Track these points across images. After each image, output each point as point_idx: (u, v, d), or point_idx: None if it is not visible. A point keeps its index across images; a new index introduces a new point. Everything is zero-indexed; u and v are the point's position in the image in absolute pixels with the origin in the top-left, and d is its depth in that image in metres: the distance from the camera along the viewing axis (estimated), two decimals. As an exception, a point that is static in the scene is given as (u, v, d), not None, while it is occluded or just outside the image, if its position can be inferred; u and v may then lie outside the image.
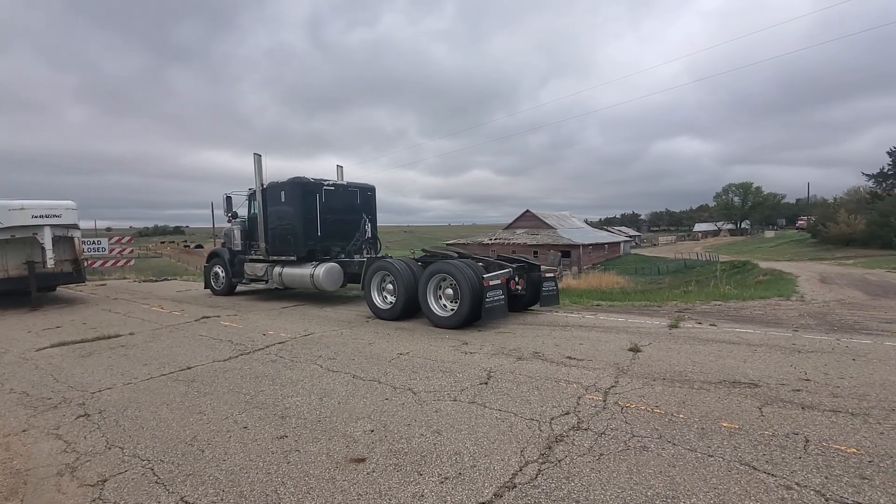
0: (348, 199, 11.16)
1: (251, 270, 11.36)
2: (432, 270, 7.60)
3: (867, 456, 2.99)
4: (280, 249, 10.65)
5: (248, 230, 11.67)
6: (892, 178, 51.64)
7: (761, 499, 2.55)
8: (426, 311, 7.64)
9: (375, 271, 8.47)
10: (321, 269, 9.74)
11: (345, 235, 10.83)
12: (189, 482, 2.94)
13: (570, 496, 2.66)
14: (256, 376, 5.07)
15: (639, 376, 4.71)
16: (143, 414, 4.08)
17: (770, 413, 3.70)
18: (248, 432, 3.65)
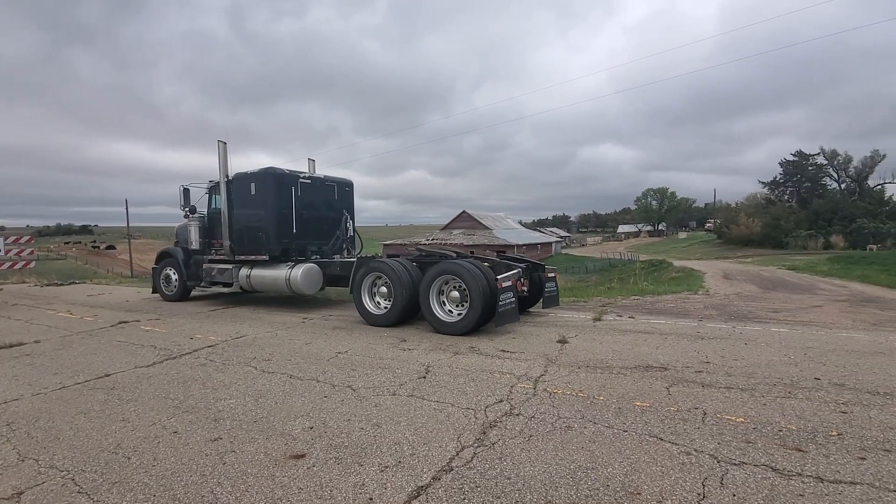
0: (325, 194, 10.25)
1: (212, 273, 10.26)
2: (437, 271, 7.00)
3: (752, 424, 3.47)
4: (248, 248, 9.64)
5: (208, 227, 10.52)
6: (783, 185, 58.15)
7: (665, 464, 2.91)
8: (429, 317, 7.03)
9: (367, 273, 7.77)
10: (298, 271, 8.87)
11: (322, 233, 10.02)
12: (116, 490, 2.82)
13: (502, 474, 2.87)
14: (185, 381, 4.86)
15: (565, 365, 5.08)
16: (58, 424, 3.80)
17: (676, 392, 4.17)
18: (178, 437, 3.53)
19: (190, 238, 10.56)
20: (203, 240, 10.53)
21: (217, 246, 10.29)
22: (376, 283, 7.75)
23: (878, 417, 3.54)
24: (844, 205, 44.65)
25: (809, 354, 5.31)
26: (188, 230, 10.63)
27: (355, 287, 7.85)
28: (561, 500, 2.58)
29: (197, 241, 10.50)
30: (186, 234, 10.74)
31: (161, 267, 11.19)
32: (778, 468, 2.83)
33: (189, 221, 10.65)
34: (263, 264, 9.50)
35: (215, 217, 10.24)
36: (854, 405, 3.79)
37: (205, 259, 10.53)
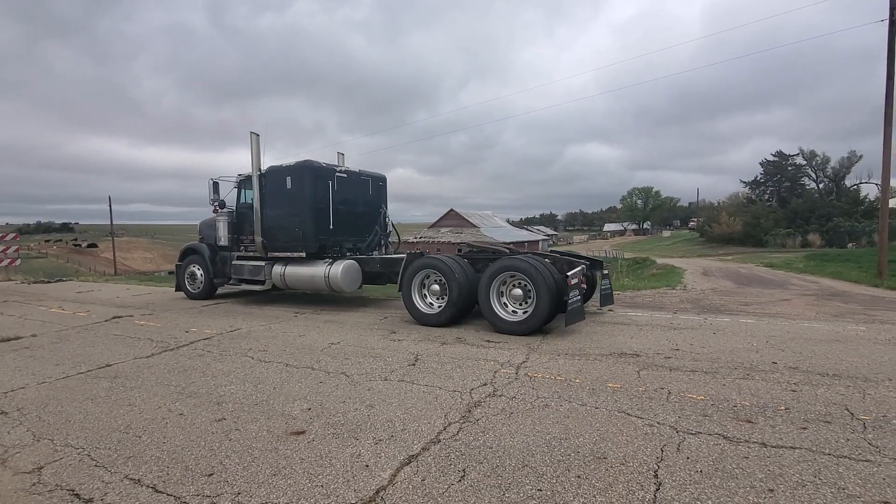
0: (360, 189, 9.87)
1: (242, 270, 9.76)
2: (499, 268, 6.61)
3: (710, 401, 3.84)
4: (282, 245, 9.22)
5: (237, 223, 10.10)
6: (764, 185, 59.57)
7: (631, 434, 3.26)
8: (489, 315, 6.66)
9: (418, 269, 7.33)
10: (339, 268, 8.48)
11: (357, 229, 9.67)
12: (131, 463, 3.07)
13: (485, 445, 3.18)
14: (185, 370, 5.09)
15: (546, 353, 5.43)
16: (67, 409, 4.02)
17: (645, 375, 4.53)
18: (184, 418, 3.78)
19: (218, 234, 10.10)
20: (232, 235, 10.07)
21: (247, 242, 9.92)
22: (426, 280, 7.38)
23: (824, 395, 3.94)
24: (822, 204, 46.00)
25: (771, 342, 5.73)
26: (216, 225, 10.17)
27: (404, 284, 7.44)
28: (536, 465, 2.90)
29: (225, 237, 10.03)
30: (214, 229, 10.29)
31: (185, 264, 10.70)
32: (729, 436, 3.19)
33: (217, 216, 10.21)
34: (299, 261, 9.11)
35: (245, 212, 9.89)
36: (804, 385, 4.19)
37: (233, 256, 10.08)
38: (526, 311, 6.40)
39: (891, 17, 15.23)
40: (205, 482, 2.81)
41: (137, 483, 2.82)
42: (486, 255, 7.52)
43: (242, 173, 9.87)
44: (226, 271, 10.14)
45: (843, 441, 3.08)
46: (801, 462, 2.84)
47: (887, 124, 15.42)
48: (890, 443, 3.04)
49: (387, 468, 2.91)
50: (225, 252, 10.20)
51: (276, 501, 2.60)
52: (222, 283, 10.30)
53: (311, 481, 2.79)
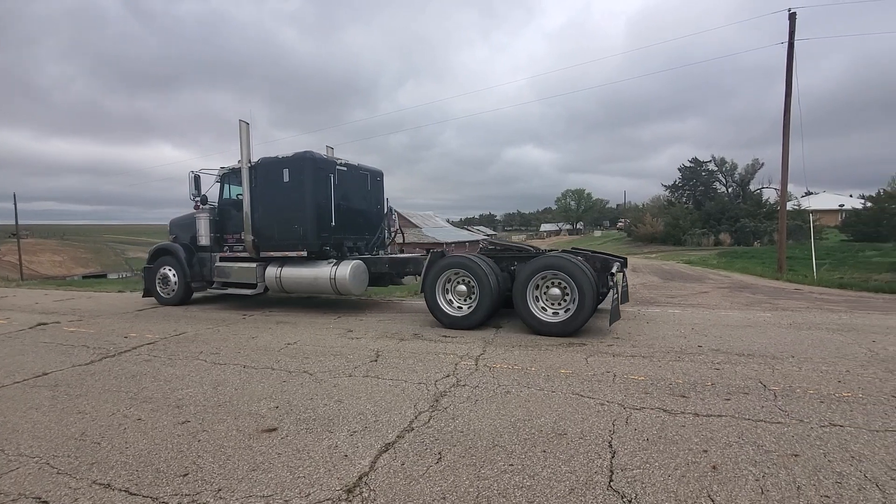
0: (360, 184, 9.30)
1: (227, 272, 8.97)
2: (538, 266, 6.31)
3: (650, 380, 4.31)
4: (278, 244, 8.50)
5: (219, 220, 9.21)
6: (682, 189, 64.52)
7: (585, 413, 3.61)
8: (526, 317, 6.34)
9: (443, 269, 6.92)
10: (346, 269, 7.91)
11: (358, 227, 9.15)
12: (96, 469, 2.97)
13: (456, 429, 3.40)
14: (133, 375, 4.87)
15: (501, 345, 5.74)
16: (11, 419, 3.75)
17: (592, 361, 4.96)
18: (144, 423, 3.67)
19: (198, 233, 9.14)
20: (214, 235, 9.19)
21: (232, 241, 9.13)
22: (453, 280, 6.98)
23: (742, 371, 4.54)
24: (731, 206, 50.72)
25: (695, 329, 6.42)
26: (196, 224, 9.18)
27: (428, 286, 6.99)
28: (505, 444, 3.16)
29: (207, 236, 9.10)
30: (192, 228, 9.35)
31: (157, 266, 9.76)
32: (667, 409, 3.63)
33: (197, 213, 9.22)
34: (297, 262, 8.44)
35: (229, 208, 9.14)
36: (725, 364, 4.79)
37: (214, 257, 9.27)
38: (568, 309, 6.16)
39: (790, 41, 17.24)
40: (181, 482, 2.79)
41: (108, 487, 2.75)
42: (510, 254, 7.22)
43: (226, 166, 9.15)
44: (204, 274, 9.36)
45: (759, 408, 3.62)
46: (727, 427, 3.31)
47: (785, 135, 17.43)
48: (795, 408, 3.61)
49: (366, 456, 3.04)
50: (204, 253, 9.37)
51: (259, 494, 2.66)
52: (202, 287, 9.46)
53: (292, 473, 2.86)
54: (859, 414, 3.46)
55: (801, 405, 3.65)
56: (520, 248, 7.40)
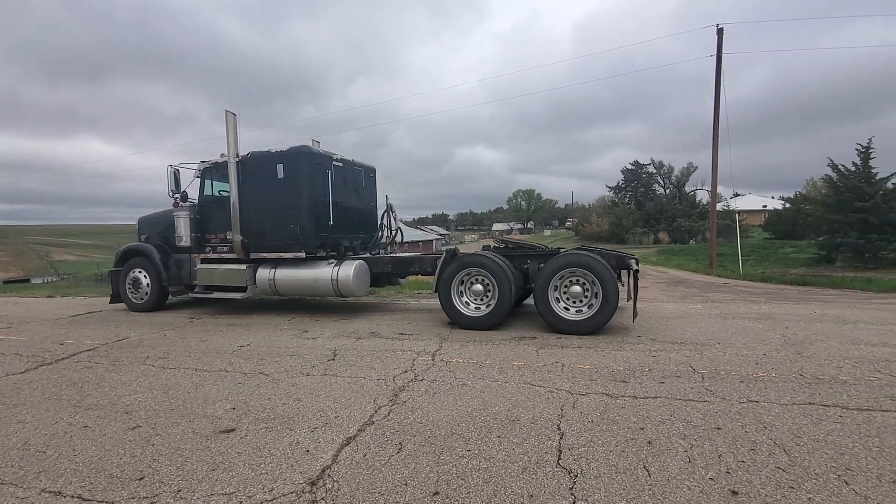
0: (355, 181, 8.89)
1: (210, 275, 8.32)
2: (560, 264, 6.24)
3: (595, 369, 4.63)
4: (271, 244, 8.00)
5: (200, 219, 8.55)
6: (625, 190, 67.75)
7: (536, 400, 3.85)
8: (548, 316, 6.26)
9: (459, 269, 6.74)
10: (350, 269, 7.56)
11: (354, 226, 8.80)
12: (44, 477, 2.87)
13: (416, 421, 3.54)
14: (74, 383, 4.66)
15: (457, 341, 5.93)
16: (-65, 434, 3.51)
17: (543, 353, 5.25)
18: (91, 430, 3.55)
19: (178, 232, 8.45)
20: (195, 234, 8.55)
21: (215, 242, 8.49)
22: (467, 280, 6.81)
23: (675, 357, 4.96)
24: (668, 207, 53.89)
25: (636, 320, 6.90)
26: (176, 222, 8.47)
27: (442, 286, 6.80)
28: (462, 431, 3.33)
29: (188, 236, 8.46)
30: (170, 226, 8.66)
31: (126, 269, 8.97)
32: (610, 394, 3.94)
33: (176, 211, 8.50)
34: (293, 263, 7.99)
35: (211, 206, 8.52)
36: (661, 351, 5.21)
37: (194, 259, 8.63)
38: (591, 305, 6.15)
39: (718, 54, 18.63)
40: (137, 485, 2.76)
41: (59, 495, 2.68)
42: (522, 253, 7.12)
43: (207, 160, 8.54)
44: (182, 277, 8.75)
45: (689, 389, 4.00)
46: (662, 407, 3.65)
47: (715, 141, 18.83)
48: (720, 387, 4.02)
49: (328, 450, 3.12)
50: (182, 254, 8.75)
51: (221, 492, 2.68)
52: (180, 291, 8.84)
53: (254, 470, 2.90)
54: (772, 391, 3.91)
55: (725, 385, 4.07)
56: (531, 247, 7.43)
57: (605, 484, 2.61)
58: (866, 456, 2.82)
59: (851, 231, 19.76)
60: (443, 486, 2.65)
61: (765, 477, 2.62)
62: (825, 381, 4.11)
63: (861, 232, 19.52)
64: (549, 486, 2.61)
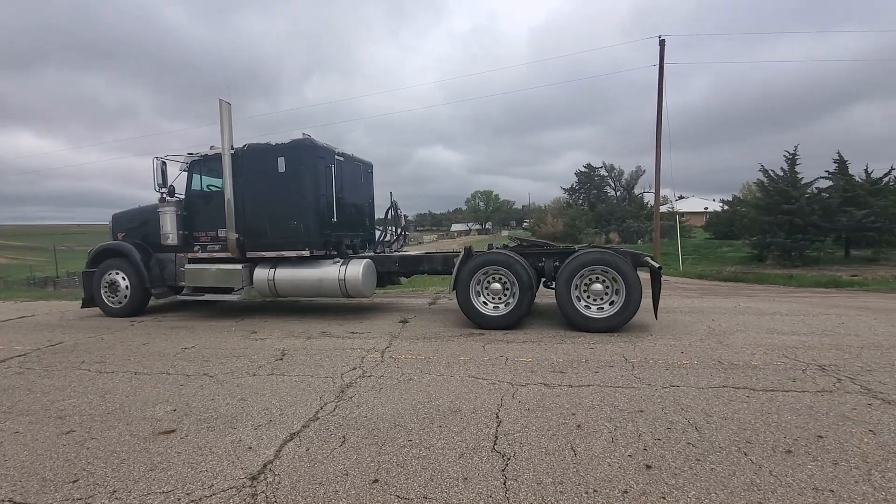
0: (355, 176, 8.56)
1: (200, 276, 7.85)
2: (584, 261, 6.26)
3: (536, 361, 4.88)
4: (270, 242, 7.58)
5: (187, 216, 7.99)
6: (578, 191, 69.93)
7: (478, 392, 4.03)
8: (571, 314, 6.26)
9: (479, 267, 6.58)
10: (358, 269, 7.28)
11: (354, 223, 8.47)
12: (-35, 485, 2.76)
13: (360, 415, 3.63)
14: (4, 389, 4.44)
15: (407, 338, 6.05)
16: None
17: (489, 348, 5.46)
18: (22, 436, 3.42)
19: (164, 230, 7.85)
20: (183, 231, 7.99)
21: (205, 240, 7.97)
22: (486, 278, 6.66)
23: (610, 349, 5.29)
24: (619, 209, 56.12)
25: (550, 316, 7.20)
26: (161, 219, 7.88)
27: (461, 284, 6.60)
28: (405, 423, 3.45)
29: (175, 235, 7.88)
30: (151, 224, 8.09)
31: (101, 270, 8.28)
32: (548, 384, 4.18)
33: (162, 207, 7.88)
34: (294, 262, 7.62)
35: (200, 202, 8.01)
36: (598, 344, 5.54)
37: (179, 258, 8.10)
38: (613, 302, 6.23)
39: (660, 64, 19.66)
40: (71, 488, 2.71)
41: (-17, 502, 2.59)
42: (537, 251, 7.05)
43: (195, 152, 8.02)
44: (166, 278, 8.23)
45: (620, 377, 4.30)
46: (593, 394, 3.91)
47: (658, 146, 19.86)
48: (647, 375, 4.35)
49: (270, 446, 3.16)
50: (165, 253, 8.21)
51: (159, 491, 2.68)
52: (164, 293, 8.30)
53: (194, 469, 2.91)
54: (692, 376, 4.27)
55: (652, 372, 4.41)
56: (545, 245, 7.47)
57: (535, 465, 2.81)
58: (765, 430, 3.17)
59: (780, 232, 21.33)
60: (382, 474, 2.77)
61: (676, 452, 2.90)
62: (739, 367, 4.52)
63: (788, 232, 21.11)
64: (482, 469, 2.77)
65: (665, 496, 2.44)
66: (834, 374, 4.24)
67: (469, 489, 2.57)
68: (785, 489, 2.47)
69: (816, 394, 3.78)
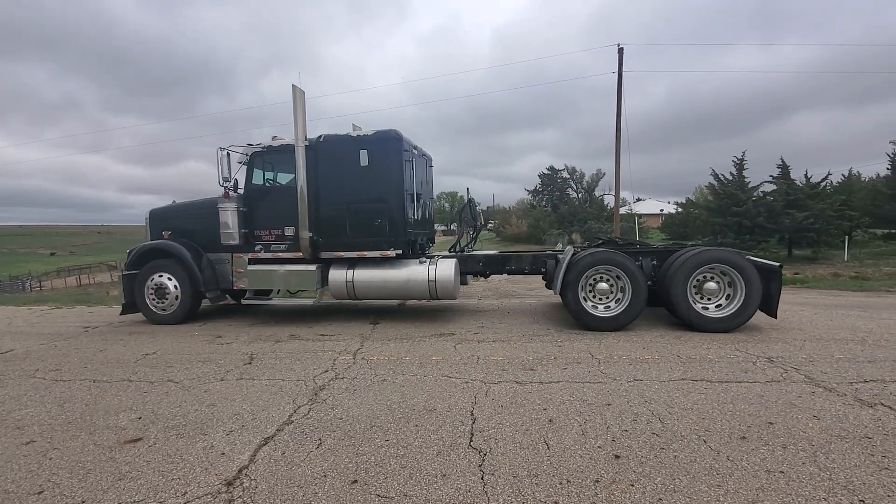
0: (424, 171, 8.05)
1: (265, 278, 7.28)
2: (702, 260, 6.05)
3: (507, 360, 5.00)
4: (351, 242, 7.08)
5: (247, 212, 7.34)
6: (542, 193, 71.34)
7: (452, 391, 4.10)
8: (686, 313, 6.03)
9: (588, 267, 6.34)
10: (450, 268, 6.91)
11: (422, 221, 7.98)
12: (-88, 504, 2.60)
13: (336, 417, 3.63)
14: (-55, 402, 4.15)
15: (378, 339, 6.05)
16: None
17: (460, 348, 5.54)
18: (-30, 450, 3.23)
19: (227, 228, 7.22)
20: (244, 230, 7.36)
21: (268, 238, 7.36)
22: (595, 278, 6.43)
23: (577, 346, 5.48)
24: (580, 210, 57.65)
25: (546, 315, 7.45)
26: (222, 216, 7.24)
27: (570, 286, 6.34)
28: (381, 424, 3.48)
29: (237, 233, 7.27)
30: (204, 221, 7.45)
31: (146, 273, 7.52)
32: (519, 381, 4.30)
33: (224, 203, 7.24)
34: (374, 263, 7.13)
35: (261, 197, 7.39)
36: (566, 341, 5.72)
37: (246, 258, 7.43)
38: (729, 297, 6.08)
39: (619, 71, 20.37)
40: (36, 499, 2.61)
41: (-66, 520, 2.45)
42: (634, 250, 6.87)
43: (256, 143, 7.41)
44: (219, 280, 7.58)
45: (587, 373, 4.48)
46: (563, 389, 4.06)
47: (617, 150, 20.58)
48: (612, 370, 4.54)
49: (245, 451, 3.12)
50: (218, 254, 7.57)
51: (130, 500, 2.60)
52: (218, 298, 7.62)
53: (165, 477, 2.84)
54: (654, 370, 4.50)
55: (617, 368, 4.61)
56: (642, 244, 7.24)
57: (511, 459, 2.90)
58: (722, 419, 3.39)
59: (729, 233, 22.53)
60: (361, 474, 2.79)
61: (642, 441, 3.07)
62: (696, 360, 4.79)
63: (737, 233, 22.34)
64: (460, 465, 2.84)
65: (634, 483, 2.59)
66: (781, 366, 4.56)
67: (448, 485, 2.64)
68: (741, 472, 2.66)
69: (766, 384, 4.06)
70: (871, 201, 27.04)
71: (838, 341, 5.42)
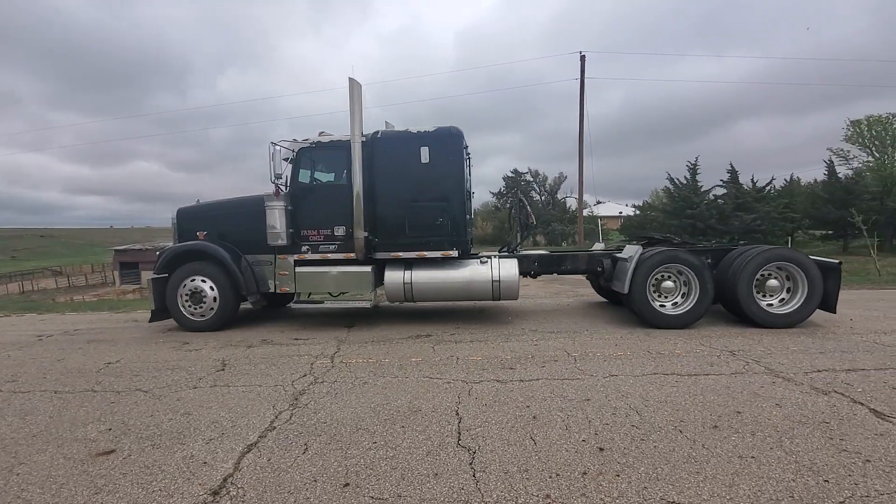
0: (469, 167, 7.89)
1: (316, 280, 6.94)
2: (767, 257, 6.13)
3: (486, 359, 5.07)
4: (410, 242, 6.82)
5: (294, 211, 6.94)
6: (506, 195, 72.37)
7: (435, 391, 4.13)
8: (751, 310, 6.09)
9: (656, 266, 6.35)
10: (513, 268, 6.79)
11: (471, 218, 7.79)
12: None
13: (319, 421, 3.58)
14: None
15: (355, 342, 6.01)
16: None
17: (438, 349, 5.58)
18: (-79, 471, 3.00)
19: (274, 228, 6.83)
20: (291, 230, 6.95)
21: (315, 239, 6.98)
22: (661, 277, 6.46)
23: (553, 345, 5.61)
24: (544, 212, 58.89)
25: (519, 315, 7.60)
26: (269, 215, 6.84)
27: (638, 284, 6.33)
28: (367, 426, 3.47)
29: (286, 233, 6.87)
30: (251, 219, 7.02)
31: (181, 276, 7.03)
32: (500, 380, 4.38)
33: (271, 201, 6.87)
34: (433, 263, 6.90)
35: (309, 195, 7.00)
36: (541, 340, 5.85)
37: (292, 259, 7.02)
38: (791, 290, 6.21)
39: (581, 78, 20.97)
40: (2, 520, 2.45)
41: None
42: (694, 249, 6.93)
43: (303, 139, 7.04)
44: (259, 283, 7.15)
45: (564, 370, 4.61)
46: (543, 387, 4.16)
47: (581, 154, 21.16)
48: (588, 366, 4.69)
49: (228, 459, 3.04)
50: (257, 255, 7.14)
51: (109, 515, 2.50)
52: (259, 302, 7.23)
53: (145, 489, 2.73)
54: (628, 366, 4.68)
55: (592, 364, 4.76)
56: (694, 243, 7.42)
57: (500, 456, 2.96)
58: (694, 410, 3.57)
59: (684, 234, 23.61)
60: (352, 477, 2.78)
61: (623, 434, 3.20)
62: (665, 355, 5.02)
63: (691, 234, 23.44)
64: (451, 465, 2.88)
65: (619, 474, 2.70)
66: (742, 359, 4.84)
67: (441, 484, 2.67)
68: (717, 459, 2.82)
69: (731, 376, 4.31)
70: (810, 205, 29.03)
71: (791, 334, 5.80)
